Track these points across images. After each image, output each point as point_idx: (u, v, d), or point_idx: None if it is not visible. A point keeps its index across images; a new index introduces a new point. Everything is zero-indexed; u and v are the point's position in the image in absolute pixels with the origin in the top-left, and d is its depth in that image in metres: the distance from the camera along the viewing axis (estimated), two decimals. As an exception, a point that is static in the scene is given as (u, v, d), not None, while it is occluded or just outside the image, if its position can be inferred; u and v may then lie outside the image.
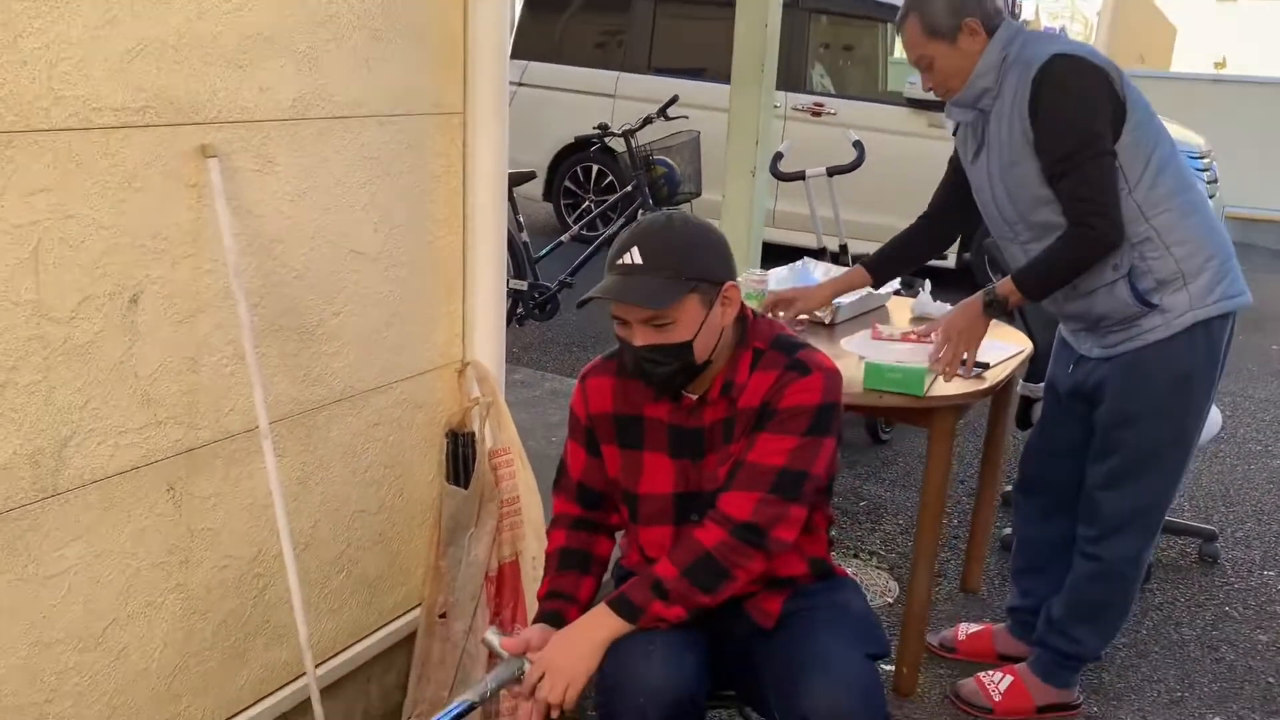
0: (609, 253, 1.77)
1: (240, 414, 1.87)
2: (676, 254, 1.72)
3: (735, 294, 1.79)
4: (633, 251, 1.71)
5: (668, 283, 1.70)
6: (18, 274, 1.49)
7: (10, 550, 1.55)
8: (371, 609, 2.29)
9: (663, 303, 1.69)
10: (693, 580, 1.74)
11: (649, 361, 1.75)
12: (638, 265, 1.71)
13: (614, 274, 1.73)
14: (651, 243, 1.72)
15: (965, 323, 2.39)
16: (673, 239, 1.74)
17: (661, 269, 1.70)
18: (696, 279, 1.72)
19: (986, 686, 2.63)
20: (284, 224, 1.88)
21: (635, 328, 1.73)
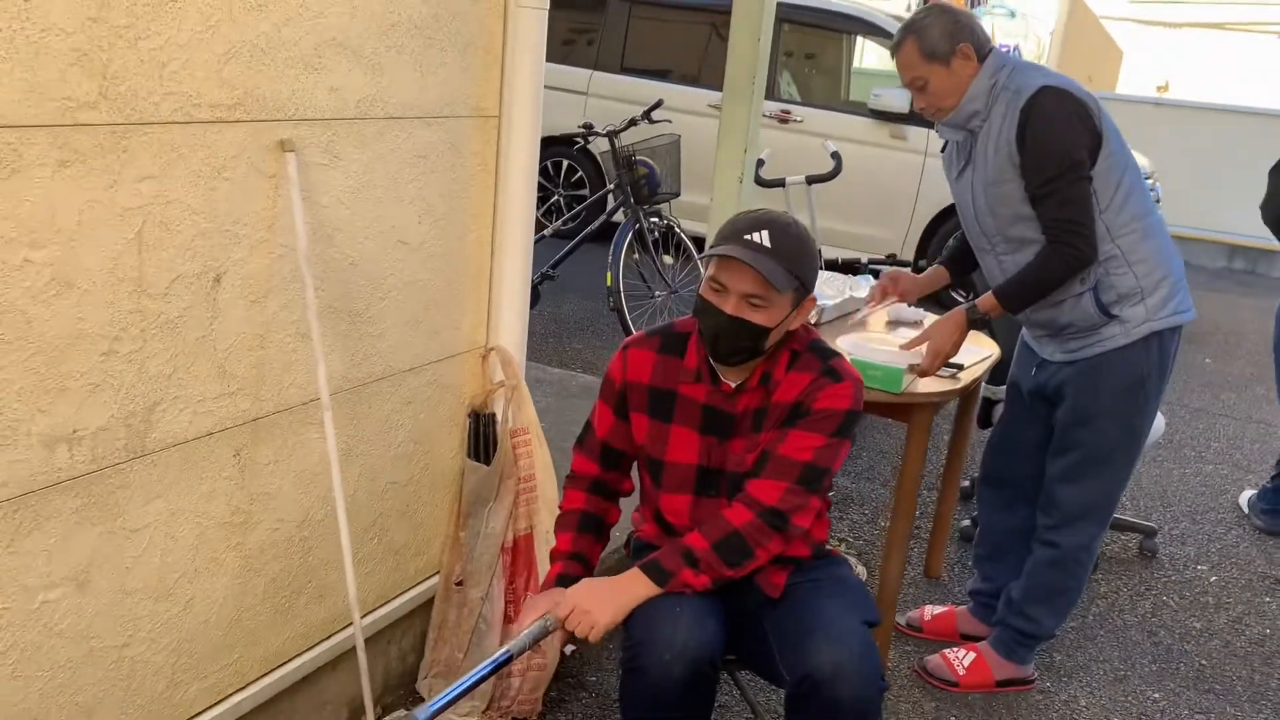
0: (729, 227, 1.93)
1: (298, 388, 2.02)
2: (796, 252, 1.91)
3: (810, 306, 2.00)
4: (763, 234, 1.89)
5: (784, 272, 1.89)
6: (125, 253, 1.64)
7: (103, 505, 1.70)
8: (396, 575, 2.45)
9: (781, 287, 1.88)
10: (721, 554, 1.94)
11: (730, 331, 1.92)
12: (766, 247, 1.89)
13: (740, 245, 1.89)
14: (780, 233, 1.90)
15: (949, 333, 2.61)
16: (796, 239, 1.93)
17: (782, 258, 1.89)
18: (799, 281, 1.92)
19: (951, 662, 2.86)
20: (344, 214, 2.04)
21: (731, 297, 1.90)
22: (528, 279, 2.55)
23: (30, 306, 1.51)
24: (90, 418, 1.64)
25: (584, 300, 6.25)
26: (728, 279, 1.91)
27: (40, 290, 1.52)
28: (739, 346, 1.95)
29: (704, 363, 2.04)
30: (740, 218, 1.96)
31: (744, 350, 1.96)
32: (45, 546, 1.61)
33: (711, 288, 1.95)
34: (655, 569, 1.96)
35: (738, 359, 1.97)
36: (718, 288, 1.93)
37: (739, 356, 1.97)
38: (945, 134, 2.65)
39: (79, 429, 1.62)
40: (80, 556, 1.67)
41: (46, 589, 1.63)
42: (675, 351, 2.08)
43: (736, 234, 1.92)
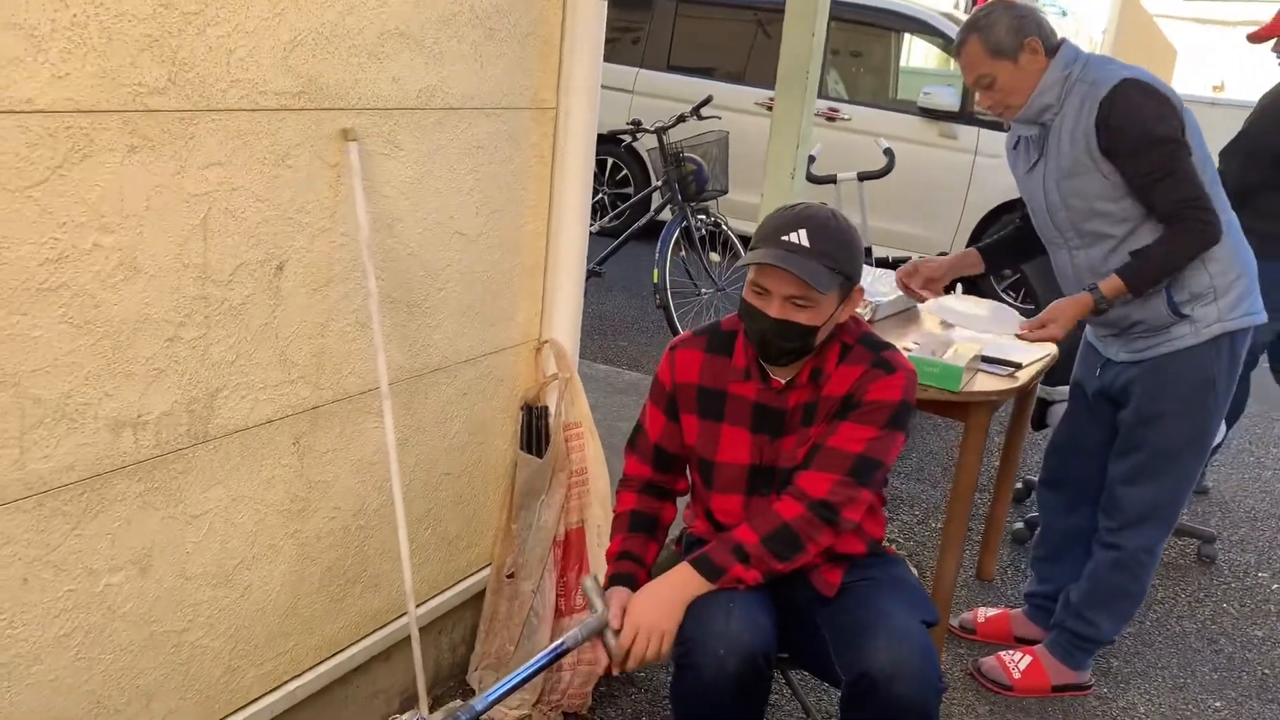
0: (767, 227, 1.90)
1: (357, 377, 2.02)
2: (837, 247, 1.87)
3: (859, 297, 1.96)
4: (800, 233, 1.85)
5: (826, 271, 1.85)
6: (191, 239, 1.64)
7: (166, 490, 1.71)
8: (449, 566, 2.45)
9: (822, 286, 1.84)
10: (770, 548, 1.91)
11: (776, 334, 1.89)
12: (803, 247, 1.85)
13: (777, 247, 1.86)
14: (818, 230, 1.86)
15: (1070, 314, 2.50)
16: (836, 232, 1.88)
17: (822, 256, 1.85)
18: (844, 275, 1.88)
19: (1007, 665, 2.82)
20: (404, 204, 2.04)
21: (775, 300, 1.87)
22: (582, 272, 2.54)
23: (99, 290, 1.52)
24: (155, 402, 1.64)
25: (630, 298, 6.24)
26: (769, 283, 1.88)
27: (109, 274, 1.53)
28: (787, 348, 1.92)
29: (753, 361, 2.02)
30: (777, 216, 1.92)
31: (793, 351, 1.93)
32: (109, 530, 1.62)
33: (754, 291, 1.92)
34: (706, 564, 1.94)
35: (787, 359, 1.95)
36: (760, 291, 1.90)
37: (788, 357, 1.94)
38: (1017, 129, 2.60)
39: (144, 413, 1.63)
40: (143, 540, 1.68)
41: (110, 572, 1.64)
42: (723, 351, 2.06)
43: (774, 235, 1.89)
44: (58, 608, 1.58)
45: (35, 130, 1.40)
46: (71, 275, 1.48)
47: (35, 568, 1.53)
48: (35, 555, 1.52)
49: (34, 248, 1.43)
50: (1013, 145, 2.67)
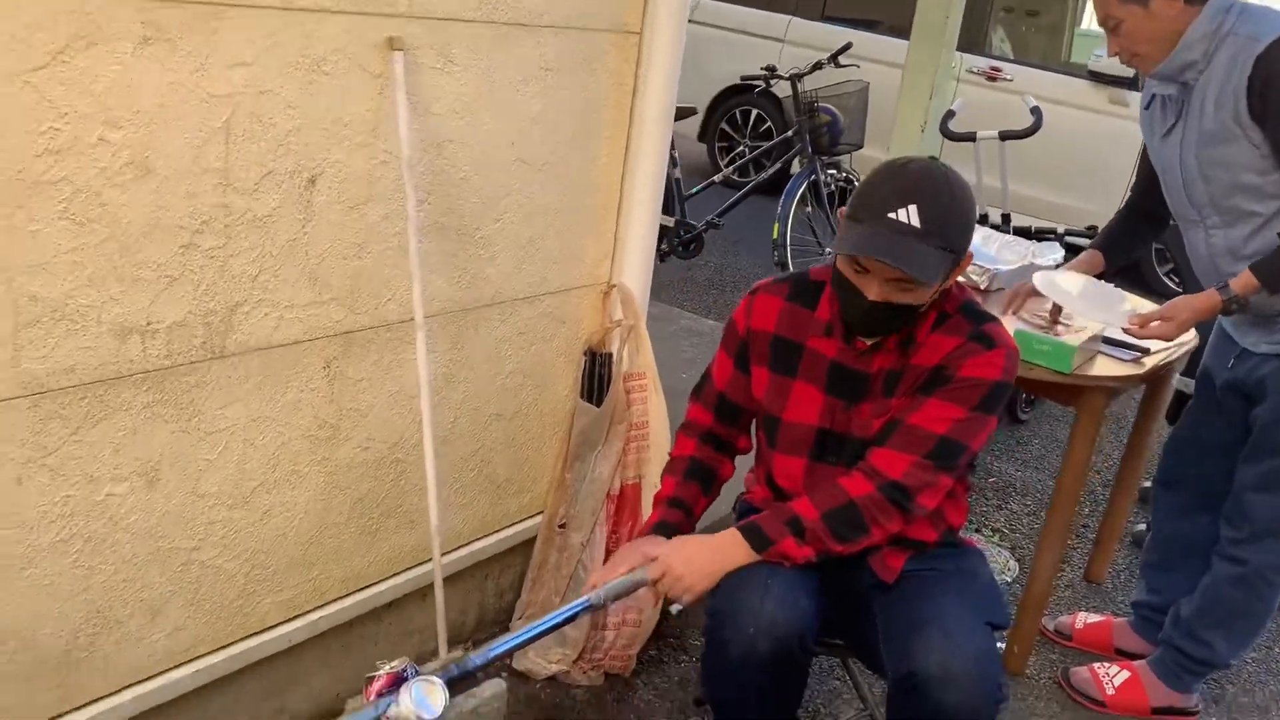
0: (870, 196, 1.65)
1: (397, 304, 1.93)
2: (951, 226, 1.63)
3: (968, 263, 1.73)
4: (910, 210, 1.60)
5: (937, 254, 1.62)
6: (210, 142, 1.56)
7: (177, 404, 1.65)
8: (496, 509, 2.36)
9: (933, 278, 1.62)
10: (831, 526, 1.73)
11: (875, 317, 1.69)
12: (914, 228, 1.60)
13: (883, 226, 1.62)
14: (932, 208, 1.61)
15: (1195, 313, 2.23)
16: (952, 208, 1.63)
17: (935, 237, 1.61)
18: (956, 253, 1.66)
19: (1101, 678, 2.55)
20: (457, 124, 1.92)
21: (875, 280, 1.65)
22: (657, 213, 2.37)
23: (105, 188, 1.46)
24: (166, 311, 1.58)
25: (749, 254, 6.02)
26: (870, 262, 1.65)
27: (116, 172, 1.46)
28: (888, 329, 1.73)
29: (838, 317, 1.81)
30: (883, 182, 1.66)
31: (893, 330, 1.73)
32: (113, 438, 1.58)
33: (853, 269, 1.69)
34: (755, 533, 1.77)
35: (883, 337, 1.75)
36: (859, 270, 1.67)
37: (884, 334, 1.74)
38: (1154, 87, 2.29)
39: (153, 321, 1.57)
40: (150, 452, 1.63)
41: (113, 481, 1.60)
42: (806, 301, 1.86)
43: (879, 211, 1.63)
44: (55, 512, 1.54)
45: (33, 11, 1.33)
46: (73, 170, 1.42)
47: (30, 469, 1.49)
48: (29, 456, 1.49)
49: (30, 137, 1.36)
50: (1146, 104, 2.34)
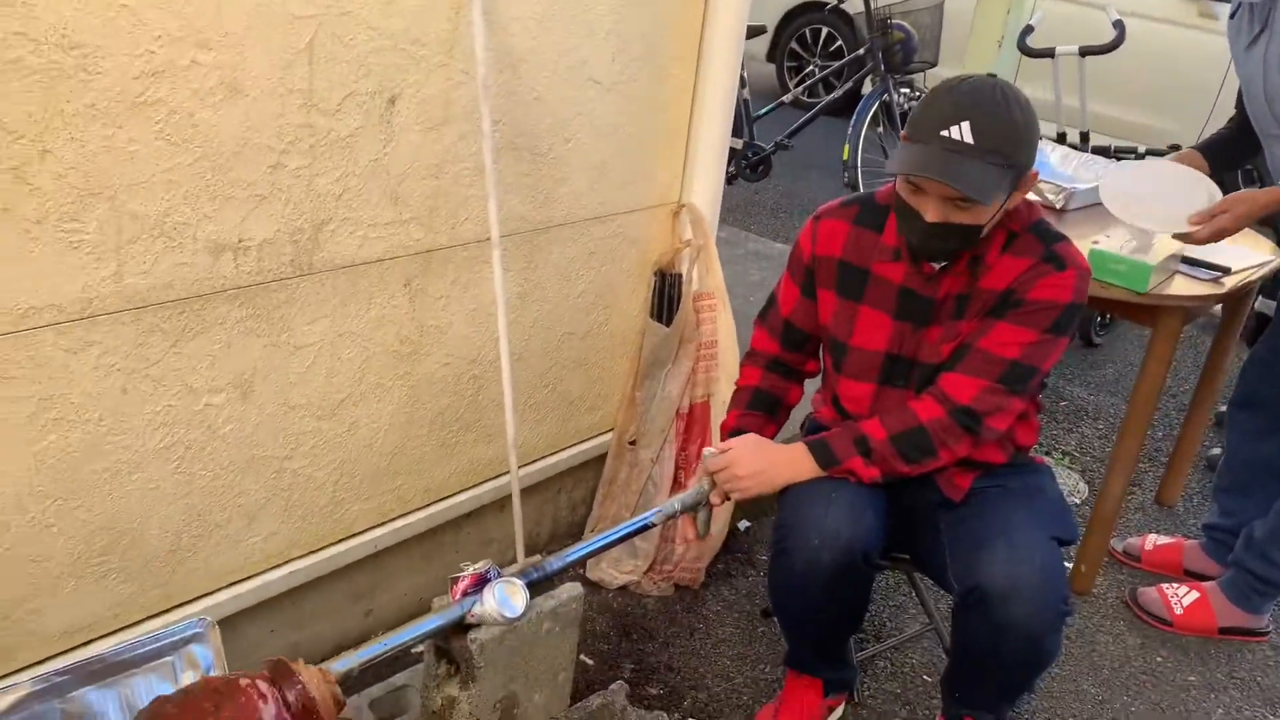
0: (923, 115, 1.63)
1: (474, 224, 1.97)
2: (1008, 140, 1.59)
3: (1034, 180, 1.70)
4: (963, 127, 1.57)
5: (994, 171, 1.59)
6: (295, 63, 1.60)
7: (269, 319, 1.72)
8: (569, 426, 2.42)
9: (987, 196, 1.59)
10: (899, 448, 1.76)
11: (934, 237, 1.67)
12: (967, 145, 1.58)
13: (935, 145, 1.60)
14: (986, 123, 1.58)
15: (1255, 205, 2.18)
16: (1008, 123, 1.60)
17: (990, 153, 1.58)
18: (1015, 169, 1.63)
19: (1169, 598, 2.56)
20: (530, 44, 1.94)
21: (931, 200, 1.63)
22: (728, 132, 2.37)
23: (198, 109, 1.51)
24: (256, 229, 1.64)
25: (820, 175, 5.95)
26: (925, 181, 1.63)
27: (207, 93, 1.51)
28: (946, 249, 1.70)
29: (904, 241, 1.81)
30: (937, 101, 1.63)
31: (953, 252, 1.72)
32: (209, 351, 1.66)
33: (909, 189, 1.66)
34: (823, 449, 1.81)
35: (945, 258, 1.73)
36: (915, 189, 1.65)
37: (946, 256, 1.73)
38: None
39: (244, 238, 1.63)
40: (244, 365, 1.71)
41: (210, 392, 1.68)
42: (873, 225, 1.85)
43: (932, 129, 1.60)
44: (157, 420, 1.63)
45: (125, -64, 1.37)
46: (168, 91, 1.47)
47: (134, 379, 1.58)
48: (133, 367, 1.57)
49: (129, 59, 1.42)
50: (1232, 12, 2.26)
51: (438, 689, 1.61)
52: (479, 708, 1.61)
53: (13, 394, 1.46)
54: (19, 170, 1.36)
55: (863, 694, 2.22)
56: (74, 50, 1.37)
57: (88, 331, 1.50)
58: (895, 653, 2.37)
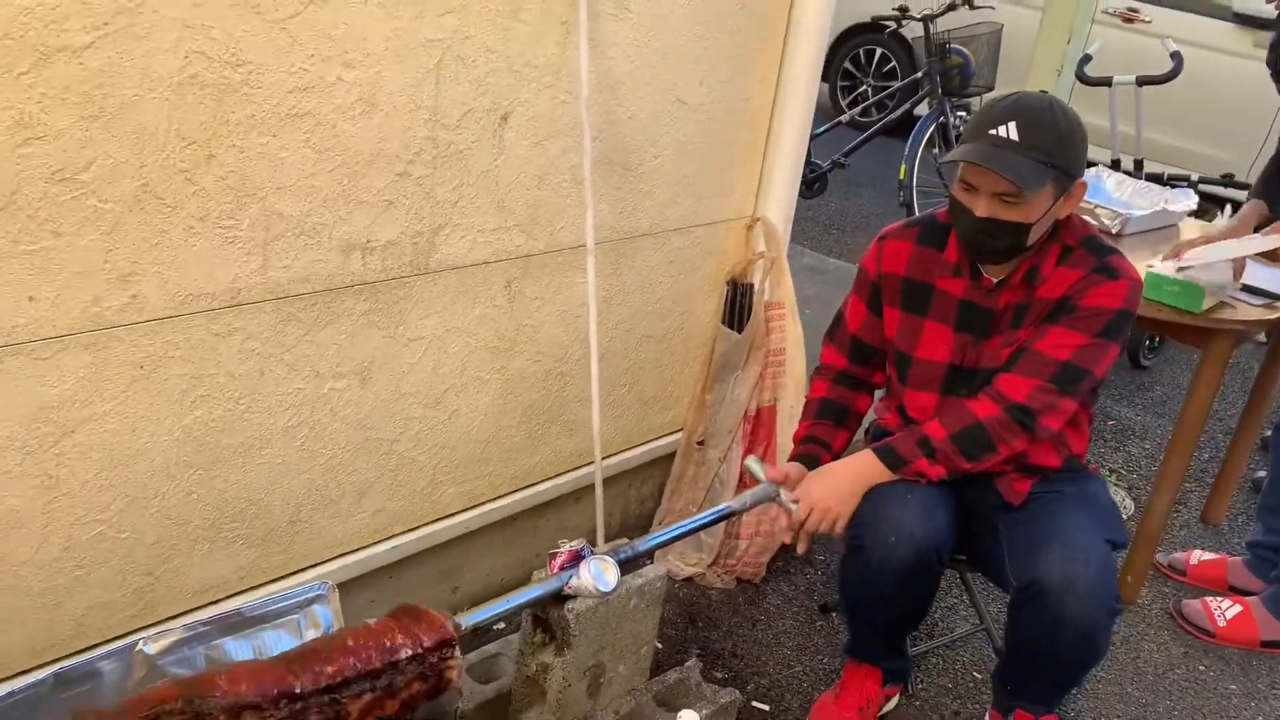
0: (977, 119, 1.81)
1: (568, 231, 2.13)
2: (1051, 140, 1.75)
3: (1081, 192, 1.84)
4: (1010, 126, 1.74)
5: (1036, 165, 1.74)
6: (424, 82, 1.77)
7: (388, 313, 1.89)
8: (642, 424, 2.57)
9: (1028, 185, 1.74)
10: (959, 445, 1.88)
11: (984, 233, 1.81)
12: (1012, 141, 1.74)
13: (983, 142, 1.77)
14: (1030, 122, 1.74)
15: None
16: (1051, 123, 1.76)
17: (1033, 150, 1.74)
18: (1059, 170, 1.77)
19: (1213, 610, 2.65)
20: (628, 67, 2.09)
21: (982, 197, 1.79)
22: (803, 152, 2.52)
23: (339, 121, 1.68)
24: (383, 231, 1.81)
25: (874, 194, 6.07)
26: (975, 178, 1.79)
27: (348, 107, 1.68)
28: (996, 247, 1.84)
29: (965, 256, 1.95)
30: (990, 108, 1.80)
31: (1003, 250, 1.85)
32: (336, 340, 1.82)
33: (963, 187, 1.83)
34: (889, 454, 1.94)
35: (998, 258, 1.87)
36: (968, 188, 1.82)
37: (999, 256, 1.86)
38: None
39: (372, 239, 1.80)
40: (364, 354, 1.88)
41: (335, 378, 1.85)
42: (935, 243, 1.99)
43: (982, 129, 1.78)
44: (288, 401, 1.80)
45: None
46: (316, 104, 1.64)
47: (270, 364, 1.75)
48: (271, 352, 1.74)
49: (284, 76, 1.59)
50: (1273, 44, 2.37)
51: (533, 655, 1.76)
52: (570, 674, 1.75)
53: (170, 372, 1.63)
54: (189, 173, 1.54)
55: (916, 686, 2.35)
56: (240, 67, 1.54)
57: (235, 318, 1.68)
58: (947, 650, 2.49)
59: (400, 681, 1.42)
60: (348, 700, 1.37)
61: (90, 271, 1.49)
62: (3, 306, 1.42)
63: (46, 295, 1.45)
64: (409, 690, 1.43)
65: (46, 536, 1.58)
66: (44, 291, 1.45)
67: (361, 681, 1.39)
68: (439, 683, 1.47)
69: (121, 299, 1.53)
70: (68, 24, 1.35)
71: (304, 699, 1.33)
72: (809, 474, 1.99)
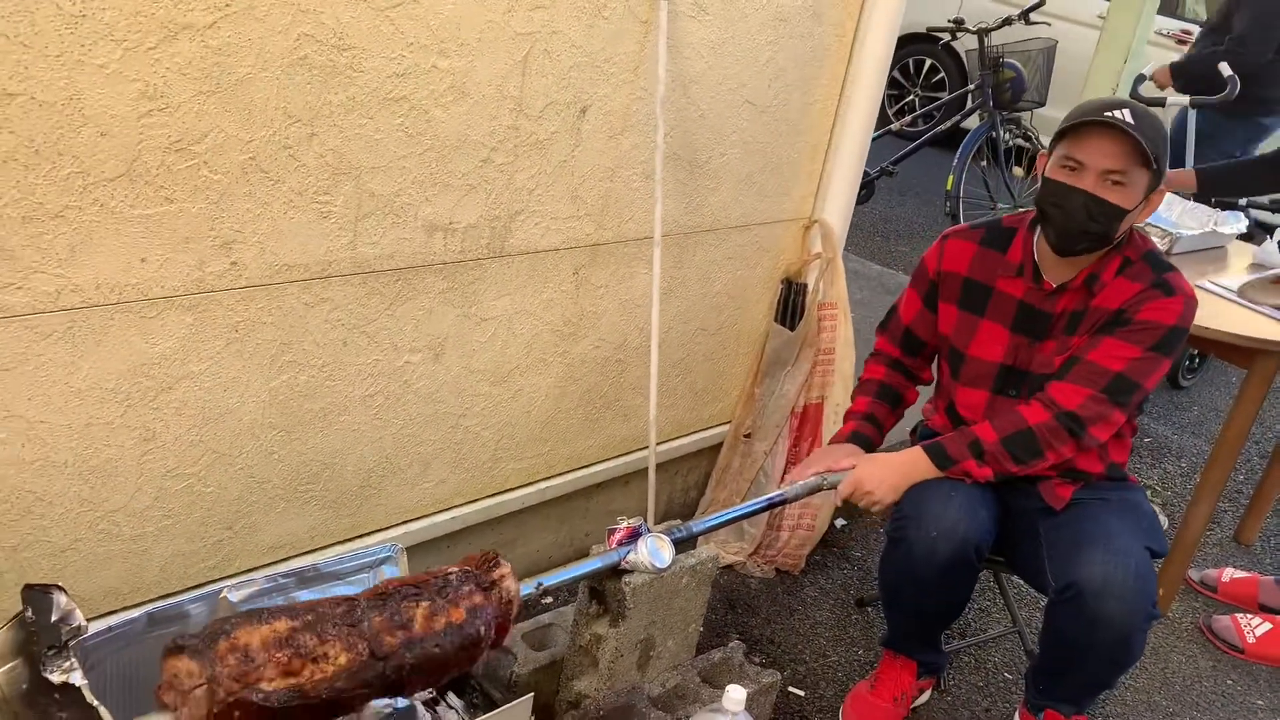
0: (1084, 106, 1.87)
1: (635, 223, 2.21)
2: (1157, 136, 1.83)
3: (1159, 201, 1.92)
4: (1125, 112, 1.81)
5: (1147, 151, 1.81)
6: (511, 74, 1.85)
7: (464, 292, 1.97)
8: (692, 414, 2.65)
9: (1145, 162, 1.81)
10: (1009, 449, 1.94)
11: (1086, 211, 1.84)
12: (1129, 123, 1.81)
13: (1103, 120, 1.82)
14: (1141, 114, 1.82)
15: None
16: (1154, 122, 1.84)
17: (1144, 136, 1.80)
18: (1157, 168, 1.85)
19: (1242, 627, 2.69)
20: (701, 67, 2.17)
21: (1090, 174, 1.84)
22: (863, 157, 2.58)
23: (432, 108, 1.76)
24: (464, 214, 1.89)
25: (919, 203, 6.11)
26: (1086, 154, 1.84)
27: (441, 94, 1.77)
28: (1091, 231, 1.86)
29: (1028, 259, 2.01)
30: (1093, 100, 1.88)
31: (1095, 235, 1.87)
32: (414, 316, 1.91)
33: (1065, 166, 1.87)
34: (939, 452, 2.00)
35: (1085, 245, 1.90)
36: (1073, 165, 1.86)
37: (1087, 241, 1.89)
38: None
39: (454, 221, 1.89)
40: (439, 331, 1.96)
41: (411, 351, 1.94)
42: (998, 246, 2.06)
43: (1096, 111, 1.84)
44: (366, 371, 1.89)
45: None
46: (412, 90, 1.73)
47: (353, 335, 1.84)
48: (354, 324, 1.83)
49: (385, 61, 1.67)
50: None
51: (588, 626, 1.84)
52: (623, 645, 1.83)
53: (262, 337, 1.72)
54: (292, 150, 1.63)
55: (948, 682, 2.41)
56: (345, 51, 1.62)
57: (324, 289, 1.76)
58: (979, 649, 2.55)
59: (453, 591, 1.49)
60: (407, 606, 1.44)
61: (197, 237, 1.58)
62: (117, 266, 1.51)
63: (156, 258, 1.55)
64: (469, 600, 1.49)
65: (140, 486, 1.68)
66: (154, 254, 1.54)
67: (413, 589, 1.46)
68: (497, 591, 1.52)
69: (223, 265, 1.62)
70: (194, 3, 1.44)
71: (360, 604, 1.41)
72: (861, 461, 2.06)
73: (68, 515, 1.61)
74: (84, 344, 1.52)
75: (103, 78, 1.39)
